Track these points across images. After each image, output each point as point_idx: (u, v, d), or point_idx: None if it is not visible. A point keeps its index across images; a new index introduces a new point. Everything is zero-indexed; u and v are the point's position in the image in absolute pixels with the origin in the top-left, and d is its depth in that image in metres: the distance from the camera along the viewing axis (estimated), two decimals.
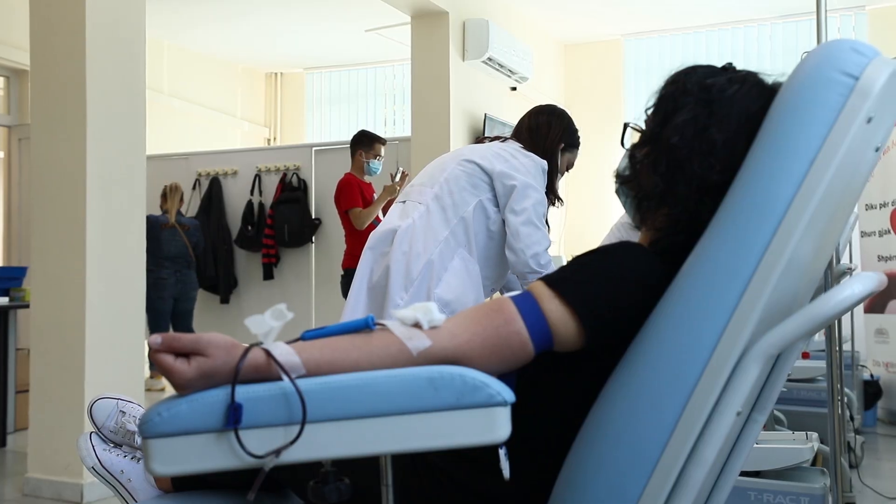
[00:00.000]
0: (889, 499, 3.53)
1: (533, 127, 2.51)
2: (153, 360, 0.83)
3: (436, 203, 2.35)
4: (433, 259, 2.29)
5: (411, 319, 0.93)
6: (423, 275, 2.28)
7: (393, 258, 2.31)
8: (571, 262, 1.05)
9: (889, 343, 5.49)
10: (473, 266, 2.34)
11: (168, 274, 5.93)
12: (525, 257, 2.27)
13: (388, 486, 0.87)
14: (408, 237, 2.32)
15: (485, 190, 2.37)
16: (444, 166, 2.43)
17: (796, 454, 1.93)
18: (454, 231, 2.33)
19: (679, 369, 0.89)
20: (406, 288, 2.27)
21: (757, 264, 0.88)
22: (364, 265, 2.39)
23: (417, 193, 2.42)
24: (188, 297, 6.05)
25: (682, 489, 0.90)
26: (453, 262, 2.31)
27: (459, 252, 2.33)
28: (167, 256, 5.91)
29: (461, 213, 2.34)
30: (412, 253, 2.29)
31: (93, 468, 1.46)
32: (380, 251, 2.37)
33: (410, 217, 2.35)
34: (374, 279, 2.36)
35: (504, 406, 0.82)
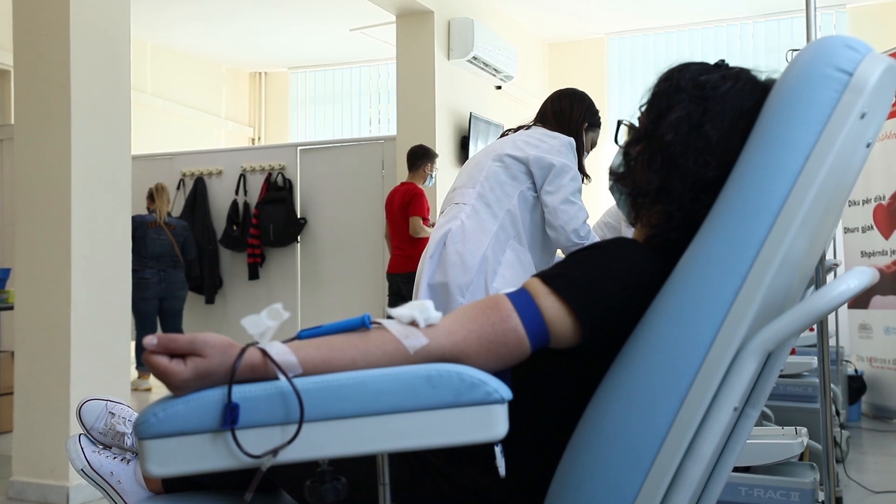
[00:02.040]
0: (874, 492, 3.57)
1: (557, 111, 2.62)
2: (147, 362, 0.81)
3: (480, 201, 2.47)
4: (487, 254, 2.40)
5: (408, 318, 0.92)
6: (479, 271, 2.39)
7: (448, 260, 2.41)
8: (567, 258, 1.05)
9: (873, 338, 5.54)
10: (525, 255, 2.45)
11: (151, 274, 5.88)
12: (567, 233, 2.37)
13: (385, 484, 0.87)
14: (459, 237, 2.43)
15: (524, 180, 2.47)
16: (480, 165, 2.53)
17: (786, 449, 1.94)
18: (503, 224, 2.44)
19: (676, 366, 0.89)
20: (465, 286, 2.37)
21: (753, 261, 0.88)
22: (426, 272, 2.49)
23: (460, 196, 2.54)
24: (175, 296, 6.00)
25: (679, 485, 0.90)
26: (506, 255, 2.42)
27: (510, 244, 2.43)
28: (151, 256, 5.86)
29: (506, 206, 2.45)
30: (465, 251, 2.40)
31: (82, 470, 1.45)
32: (437, 256, 2.46)
33: (458, 219, 2.46)
34: (435, 280, 2.46)
35: (502, 403, 0.82)
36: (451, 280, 2.41)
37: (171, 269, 5.96)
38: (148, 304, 5.91)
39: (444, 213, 2.59)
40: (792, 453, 1.94)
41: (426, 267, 2.50)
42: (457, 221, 2.46)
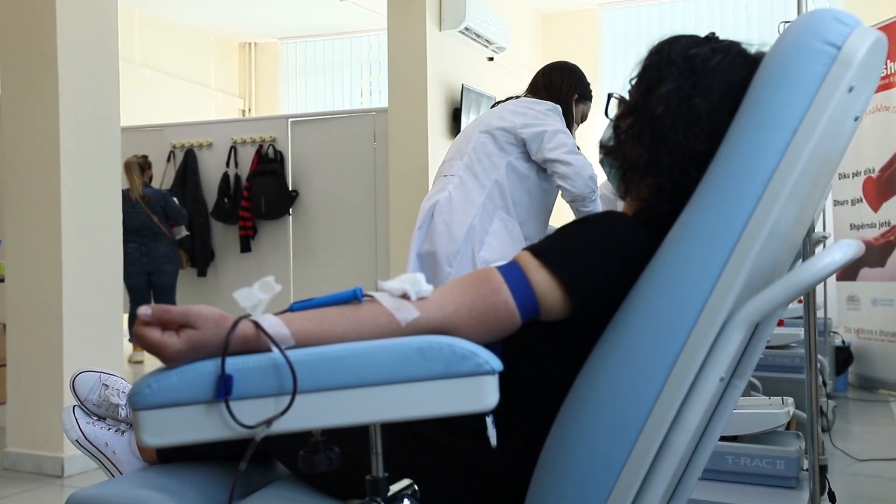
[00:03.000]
0: (859, 461, 3.62)
1: (548, 83, 2.64)
2: (138, 335, 0.81)
3: (468, 172, 2.48)
4: (474, 224, 2.42)
5: (399, 290, 0.93)
6: (466, 241, 2.40)
7: (436, 230, 2.43)
8: (557, 231, 1.06)
9: (860, 310, 5.59)
10: (513, 226, 2.46)
11: (133, 248, 5.82)
12: (583, 179, 2.38)
13: (378, 454, 0.88)
14: (447, 208, 2.44)
15: (512, 150, 2.49)
16: (468, 138, 2.55)
17: (773, 419, 1.97)
18: (490, 195, 2.45)
19: (663, 337, 0.90)
20: (452, 255, 2.38)
21: (740, 233, 0.89)
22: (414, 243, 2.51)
23: (448, 168, 2.56)
24: (161, 270, 5.97)
25: (665, 454, 0.91)
26: (493, 225, 2.44)
27: (498, 214, 2.45)
28: (130, 230, 5.82)
29: (494, 176, 2.46)
30: (452, 222, 2.42)
31: (77, 441, 1.46)
32: (426, 228, 2.47)
33: (446, 190, 2.48)
34: (423, 250, 2.48)
35: (492, 375, 0.83)
36: (438, 250, 2.43)
37: (153, 243, 5.91)
38: (135, 278, 5.90)
39: (434, 185, 2.60)
40: (778, 423, 1.97)
41: (415, 238, 2.53)
42: (444, 193, 2.49)
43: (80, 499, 1.30)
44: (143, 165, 6.00)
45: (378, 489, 0.88)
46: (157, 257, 5.93)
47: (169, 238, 5.97)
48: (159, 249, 5.93)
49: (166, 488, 1.28)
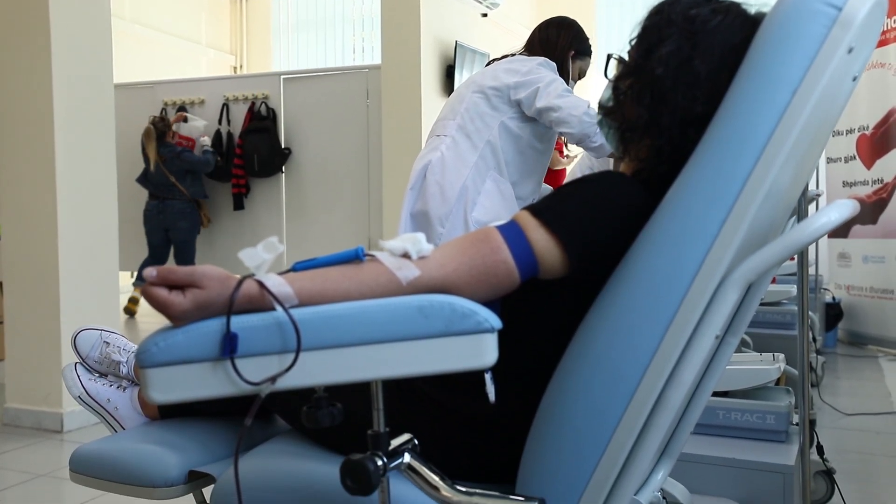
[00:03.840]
0: (847, 415, 3.69)
1: (544, 39, 2.60)
2: (146, 294, 0.83)
3: (460, 132, 2.47)
4: (466, 185, 2.41)
5: (400, 250, 0.94)
6: (459, 201, 2.40)
7: (428, 191, 2.43)
8: (556, 191, 1.07)
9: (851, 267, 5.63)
10: (506, 186, 2.46)
11: (153, 205, 6.03)
12: (578, 116, 2.35)
13: (379, 410, 0.90)
14: (439, 168, 2.44)
15: (505, 110, 2.47)
16: (461, 97, 2.53)
17: (764, 374, 2.00)
18: (483, 155, 2.44)
19: (660, 296, 0.92)
20: (444, 216, 2.39)
21: (738, 193, 0.90)
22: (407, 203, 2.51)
23: (441, 127, 2.55)
24: (176, 227, 6.04)
25: (660, 410, 0.94)
26: (486, 185, 2.43)
27: (490, 174, 2.45)
28: (154, 185, 6.00)
29: (486, 136, 2.45)
30: (445, 182, 2.41)
31: (79, 397, 1.48)
32: (418, 188, 2.47)
33: (438, 150, 2.47)
34: (416, 210, 2.48)
35: (492, 333, 0.84)
36: (430, 210, 2.43)
37: (169, 200, 5.99)
38: (154, 235, 6.07)
39: (426, 144, 2.60)
40: (769, 378, 2.01)
41: (407, 198, 2.52)
42: (437, 153, 2.48)
43: (85, 453, 1.32)
44: (162, 130, 6.02)
45: (379, 443, 0.90)
46: (173, 214, 5.99)
47: (185, 195, 5.99)
48: (175, 206, 5.99)
49: (169, 443, 1.30)
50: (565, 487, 0.96)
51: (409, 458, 0.92)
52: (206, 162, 6.01)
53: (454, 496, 0.90)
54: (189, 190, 6.01)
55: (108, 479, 1.28)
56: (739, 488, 1.80)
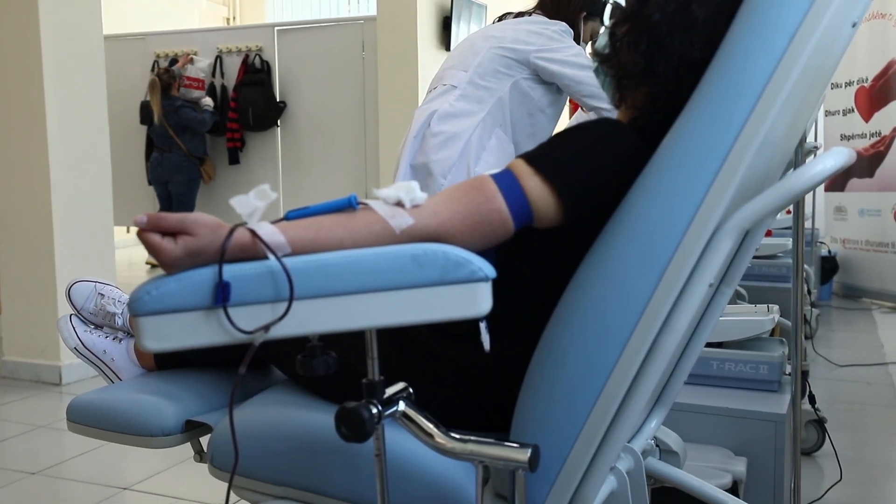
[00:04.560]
0: (839, 366, 3.72)
1: None
2: (140, 237, 0.83)
3: (471, 86, 2.42)
4: (472, 139, 2.37)
5: (394, 198, 0.93)
6: (462, 155, 2.35)
7: (432, 141, 2.37)
8: (551, 139, 1.06)
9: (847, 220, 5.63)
10: (509, 145, 2.42)
11: (154, 157, 6.10)
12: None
13: (374, 358, 0.90)
14: (446, 119, 2.39)
15: (520, 70, 2.40)
16: (475, 49, 2.45)
17: (758, 325, 2.01)
18: (491, 111, 2.40)
19: (655, 243, 0.91)
20: (447, 168, 2.35)
21: (734, 140, 0.89)
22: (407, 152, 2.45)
23: (450, 77, 2.48)
24: (173, 180, 6.10)
25: (654, 358, 0.94)
26: (491, 142, 2.40)
27: (496, 132, 2.41)
28: (156, 135, 6.04)
29: (497, 94, 2.41)
30: (451, 134, 2.36)
31: (75, 349, 1.48)
32: (421, 137, 2.42)
33: (447, 101, 2.41)
34: (416, 161, 2.42)
35: (486, 281, 0.84)
36: (432, 162, 2.38)
37: (167, 153, 6.02)
38: (158, 187, 6.16)
39: (430, 93, 2.53)
40: (763, 329, 2.02)
41: (408, 146, 2.46)
42: (445, 104, 2.42)
43: (81, 403, 1.33)
44: (167, 82, 6.00)
45: (374, 392, 0.90)
46: (170, 167, 6.03)
47: (183, 150, 5.99)
48: (172, 160, 6.02)
49: (165, 393, 1.31)
50: (558, 434, 0.97)
51: (404, 407, 0.92)
52: (201, 121, 5.99)
53: (448, 443, 0.90)
54: (187, 146, 6.00)
55: (105, 429, 1.29)
56: (732, 437, 1.82)
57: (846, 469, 2.45)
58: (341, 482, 1.07)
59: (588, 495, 0.98)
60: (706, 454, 1.76)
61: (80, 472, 2.54)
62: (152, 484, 2.43)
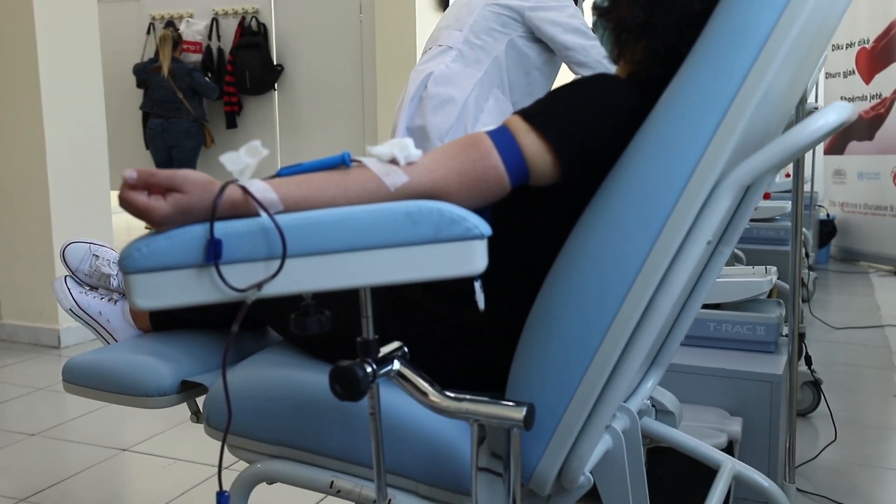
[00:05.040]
0: (836, 329, 3.73)
1: None
2: (124, 198, 0.81)
3: (467, 45, 2.38)
4: (469, 101, 2.33)
5: (388, 156, 0.92)
6: (460, 117, 2.32)
7: (429, 104, 2.34)
8: (548, 94, 1.04)
9: (846, 184, 5.61)
10: (507, 106, 2.39)
11: (156, 124, 5.95)
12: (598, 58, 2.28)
13: (368, 317, 0.90)
14: (442, 81, 2.35)
15: (516, 28, 2.38)
16: (470, 8, 2.42)
17: (755, 286, 2.01)
18: (488, 72, 2.36)
19: (652, 201, 0.90)
20: (444, 131, 2.32)
21: (734, 95, 0.88)
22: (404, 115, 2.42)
23: (446, 37, 2.44)
24: (180, 145, 5.99)
25: (650, 316, 0.93)
26: (488, 103, 2.36)
27: (493, 92, 2.37)
28: (157, 102, 5.91)
29: (494, 53, 2.37)
30: (448, 96, 2.33)
31: (70, 310, 1.48)
32: (418, 99, 2.39)
33: (443, 62, 2.37)
34: (414, 124, 2.39)
35: (481, 239, 0.83)
36: (429, 124, 2.36)
37: (175, 118, 5.91)
38: (158, 154, 6.07)
39: (426, 53, 2.50)
40: (760, 290, 2.01)
41: (405, 109, 2.43)
42: (441, 65, 2.38)
43: (77, 364, 1.33)
44: (175, 40, 5.93)
45: (369, 350, 0.89)
46: (179, 132, 5.92)
47: (191, 114, 5.91)
48: (181, 125, 5.92)
49: (160, 353, 1.30)
50: (554, 393, 0.96)
51: (399, 366, 0.92)
52: (213, 88, 5.97)
53: (443, 402, 0.90)
54: (196, 111, 5.96)
55: (101, 389, 1.29)
56: (728, 397, 1.82)
57: (841, 429, 2.46)
58: (336, 441, 1.07)
59: (583, 454, 0.98)
60: (702, 414, 1.77)
61: (79, 433, 2.55)
62: (151, 445, 2.45)
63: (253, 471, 1.14)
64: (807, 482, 2.12)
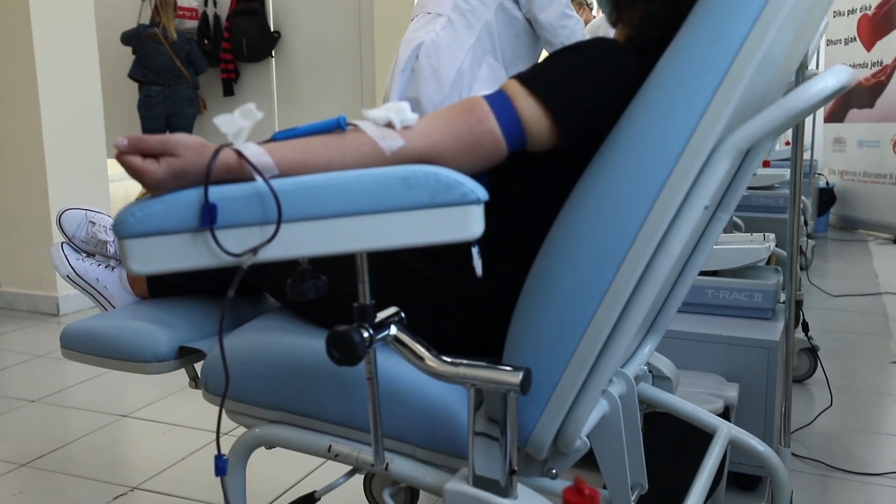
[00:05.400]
0: (833, 296, 3.74)
1: None
2: (120, 161, 0.81)
3: (456, 11, 2.34)
4: (463, 69, 2.31)
5: (384, 119, 0.91)
6: (454, 87, 2.30)
7: (421, 75, 2.31)
8: (546, 59, 1.03)
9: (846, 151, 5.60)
10: (500, 72, 2.36)
11: (157, 91, 5.81)
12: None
13: (365, 282, 0.89)
14: (433, 50, 2.31)
15: None
16: None
17: (753, 253, 2.01)
18: (479, 38, 2.33)
19: (650, 165, 0.90)
20: (438, 103, 2.29)
21: (733, 58, 0.87)
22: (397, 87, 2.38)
23: (434, 4, 2.40)
24: (182, 113, 5.91)
25: (647, 281, 0.93)
26: (482, 70, 2.34)
27: (486, 59, 2.35)
28: (152, 69, 5.77)
29: (483, 17, 2.33)
30: (440, 66, 2.30)
31: (68, 277, 1.48)
32: (409, 70, 2.35)
33: (433, 30, 2.33)
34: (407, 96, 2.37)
35: (478, 204, 0.83)
36: (423, 96, 2.32)
37: (175, 86, 5.82)
38: (154, 121, 5.91)
39: (415, 21, 2.46)
40: (759, 257, 2.01)
41: (397, 81, 2.40)
42: (431, 33, 2.34)
43: (75, 330, 1.33)
44: (174, 5, 5.84)
45: (365, 316, 0.89)
46: (181, 100, 5.85)
47: (189, 81, 5.84)
48: (182, 92, 5.85)
49: (159, 320, 1.31)
50: (550, 358, 0.97)
51: (396, 331, 0.92)
52: (206, 62, 5.90)
53: (440, 366, 0.90)
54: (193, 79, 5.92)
55: (99, 355, 1.29)
56: (725, 364, 1.83)
57: (837, 395, 2.48)
58: (334, 406, 1.07)
59: (580, 418, 0.99)
60: (699, 380, 1.78)
61: (79, 399, 2.56)
62: (150, 411, 2.46)
63: (251, 435, 1.14)
64: (802, 447, 2.14)
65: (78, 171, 3.49)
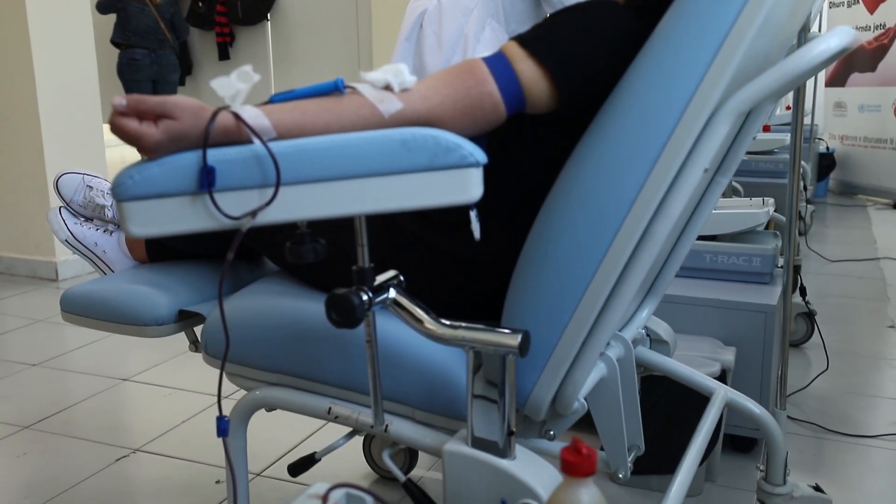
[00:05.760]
0: (831, 261, 3.75)
1: None
2: (115, 124, 0.80)
3: None
4: (466, 33, 2.28)
5: (382, 82, 0.91)
6: (457, 52, 2.28)
7: (425, 42, 2.30)
8: (546, 20, 1.02)
9: (847, 116, 5.57)
10: (503, 35, 2.35)
11: (142, 55, 5.57)
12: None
13: (364, 245, 0.90)
14: (436, 17, 2.30)
15: None
16: None
17: (752, 218, 2.01)
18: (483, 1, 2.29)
19: (651, 126, 0.89)
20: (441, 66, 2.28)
21: (735, 18, 0.86)
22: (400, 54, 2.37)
23: None
24: (167, 80, 5.72)
25: (645, 244, 0.93)
26: (484, 33, 2.31)
27: (489, 22, 2.32)
28: (135, 32, 5.53)
29: None
30: (443, 31, 2.28)
31: (66, 241, 1.48)
32: (414, 38, 2.34)
33: None
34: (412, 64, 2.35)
35: (477, 167, 0.82)
36: (427, 63, 2.32)
37: (161, 50, 5.61)
38: (140, 86, 5.65)
39: None
40: (757, 222, 2.01)
41: (401, 48, 2.40)
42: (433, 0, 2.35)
43: (74, 294, 1.33)
44: None
45: (364, 278, 0.90)
46: (167, 66, 5.65)
47: (173, 47, 5.69)
48: (168, 58, 5.64)
49: (158, 283, 1.31)
50: (548, 321, 0.97)
51: (395, 294, 0.92)
52: (187, 29, 5.71)
53: (439, 329, 0.91)
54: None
55: (99, 319, 1.29)
56: (722, 328, 1.84)
57: (833, 359, 2.49)
58: (334, 368, 1.08)
59: (577, 381, 0.99)
60: (696, 344, 1.79)
61: (80, 363, 2.58)
62: (151, 375, 2.48)
63: (252, 397, 1.15)
64: (798, 410, 2.16)
65: (74, 135, 3.47)
